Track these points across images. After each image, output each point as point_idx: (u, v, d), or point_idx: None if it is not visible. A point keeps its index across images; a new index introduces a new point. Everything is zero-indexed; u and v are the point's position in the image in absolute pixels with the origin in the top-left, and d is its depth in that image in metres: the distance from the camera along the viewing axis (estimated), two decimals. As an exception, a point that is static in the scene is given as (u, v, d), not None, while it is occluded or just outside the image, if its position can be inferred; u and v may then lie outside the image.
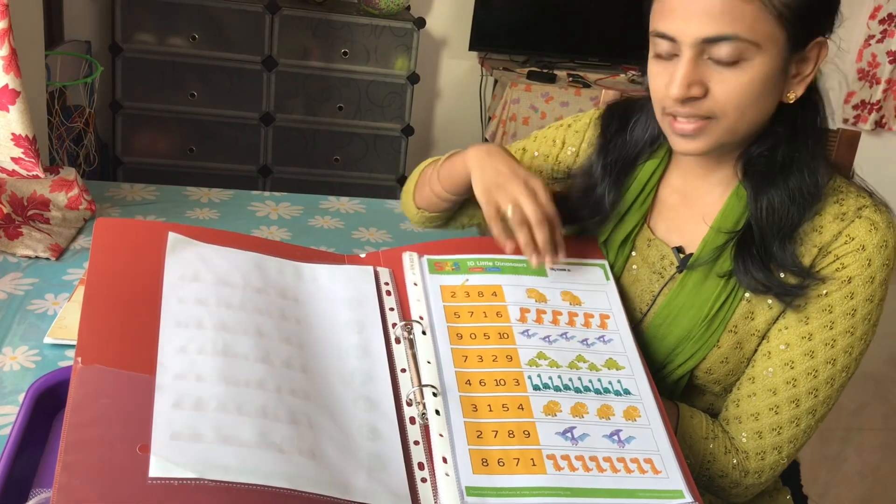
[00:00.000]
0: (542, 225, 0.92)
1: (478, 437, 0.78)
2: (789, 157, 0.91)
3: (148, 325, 0.77)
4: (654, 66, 0.90)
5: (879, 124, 3.72)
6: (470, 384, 0.83)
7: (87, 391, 0.70)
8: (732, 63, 0.83)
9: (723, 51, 0.83)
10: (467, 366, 0.85)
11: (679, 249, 0.99)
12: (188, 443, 0.68)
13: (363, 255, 0.99)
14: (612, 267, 1.02)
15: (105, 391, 0.70)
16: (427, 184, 1.13)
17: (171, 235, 0.87)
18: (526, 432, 0.79)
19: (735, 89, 0.85)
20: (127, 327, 0.77)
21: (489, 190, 0.95)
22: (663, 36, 0.86)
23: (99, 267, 0.82)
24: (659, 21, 0.86)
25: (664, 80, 0.88)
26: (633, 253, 1.03)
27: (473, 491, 0.73)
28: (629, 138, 1.03)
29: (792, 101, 0.89)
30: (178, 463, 0.66)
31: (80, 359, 0.72)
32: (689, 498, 0.76)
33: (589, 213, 1.04)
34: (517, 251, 0.93)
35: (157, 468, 0.65)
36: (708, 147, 0.89)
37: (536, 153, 1.14)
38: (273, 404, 0.74)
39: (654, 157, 1.02)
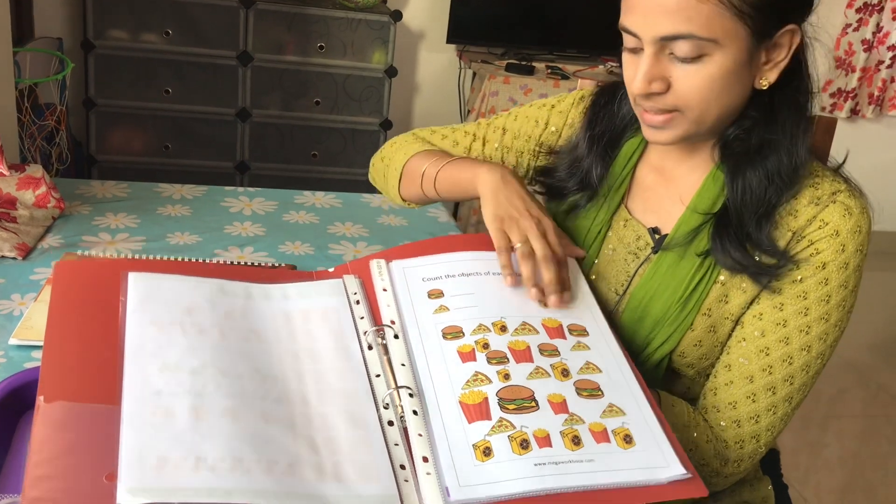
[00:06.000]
0: (548, 262, 0.91)
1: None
2: (766, 139, 0.91)
3: (110, 359, 0.77)
4: (624, 57, 0.92)
5: (854, 112, 3.74)
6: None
7: (51, 428, 0.69)
8: (693, 59, 0.84)
9: (682, 48, 0.84)
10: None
11: (655, 230, 1.00)
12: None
13: (331, 270, 0.98)
14: (588, 249, 1.03)
15: (69, 425, 0.70)
16: (420, 181, 1.12)
17: (132, 275, 0.86)
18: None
19: (697, 84, 0.86)
20: (89, 362, 0.76)
21: (502, 220, 0.95)
22: (627, 31, 0.88)
23: (59, 308, 0.82)
24: (624, 16, 0.88)
25: (631, 74, 0.90)
26: (610, 233, 1.03)
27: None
28: (616, 111, 1.05)
29: (765, 87, 0.89)
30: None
31: (42, 397, 0.71)
32: (682, 470, 0.76)
33: (577, 185, 1.04)
34: (517, 284, 0.92)
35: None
36: (676, 138, 0.91)
37: (518, 132, 1.14)
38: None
39: (636, 136, 1.03)
